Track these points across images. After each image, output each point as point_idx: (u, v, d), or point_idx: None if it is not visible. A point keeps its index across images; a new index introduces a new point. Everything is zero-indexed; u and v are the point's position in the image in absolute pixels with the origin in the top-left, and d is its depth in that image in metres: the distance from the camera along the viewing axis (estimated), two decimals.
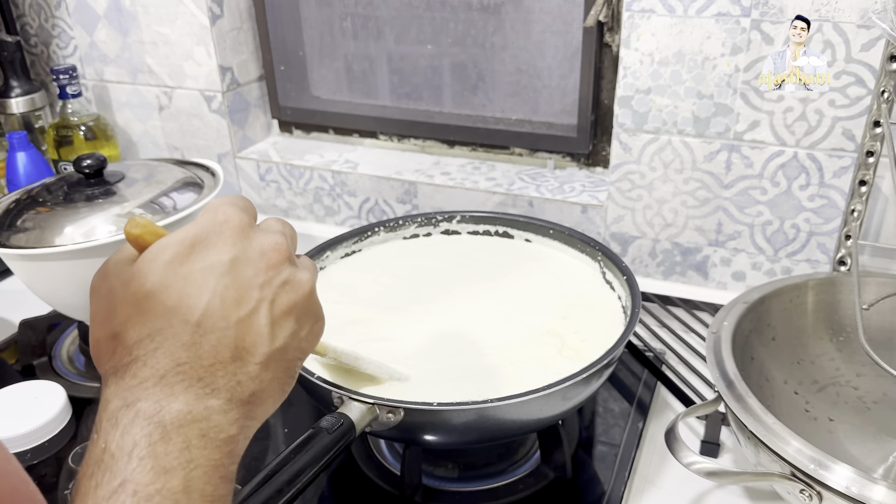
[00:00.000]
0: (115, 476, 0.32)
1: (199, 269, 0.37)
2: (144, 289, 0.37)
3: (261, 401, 0.38)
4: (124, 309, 0.37)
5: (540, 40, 0.98)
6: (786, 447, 0.56)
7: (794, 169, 0.81)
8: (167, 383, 0.35)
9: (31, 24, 1.18)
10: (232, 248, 0.38)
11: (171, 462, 0.33)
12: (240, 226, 0.39)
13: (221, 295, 0.37)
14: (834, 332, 0.74)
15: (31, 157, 1.05)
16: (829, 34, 0.74)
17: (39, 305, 0.87)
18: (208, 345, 0.36)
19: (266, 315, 0.38)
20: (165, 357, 0.35)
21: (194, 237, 0.38)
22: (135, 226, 0.39)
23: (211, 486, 0.34)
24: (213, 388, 0.36)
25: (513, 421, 0.59)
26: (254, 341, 0.38)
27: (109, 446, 0.33)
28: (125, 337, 0.36)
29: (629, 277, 0.71)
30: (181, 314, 0.36)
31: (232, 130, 1.12)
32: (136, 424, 0.34)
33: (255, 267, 0.39)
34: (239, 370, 0.37)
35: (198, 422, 0.35)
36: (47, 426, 0.76)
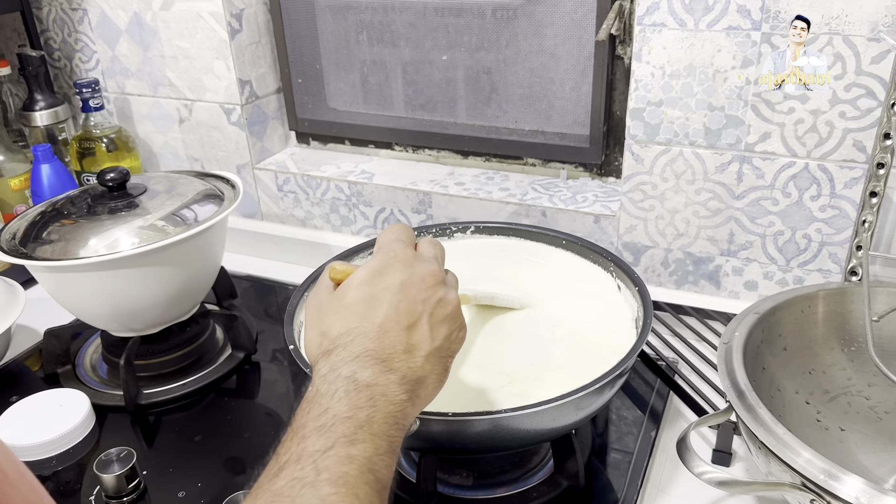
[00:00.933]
0: (321, 406, 0.45)
1: (380, 289, 0.52)
2: (344, 302, 0.52)
3: (424, 385, 0.51)
4: (329, 315, 0.53)
5: (553, 52, 0.99)
6: (796, 458, 0.56)
7: (806, 180, 0.82)
8: (359, 360, 0.48)
9: (55, 39, 1.21)
10: (402, 274, 0.53)
11: (360, 403, 0.46)
12: (405, 258, 0.54)
13: (396, 307, 0.51)
14: (845, 342, 0.75)
15: (55, 168, 1.07)
16: (840, 47, 0.75)
17: (63, 314, 0.89)
18: (388, 340, 0.50)
19: (427, 323, 0.52)
20: (358, 346, 0.49)
21: (376, 268, 0.53)
22: (336, 273, 0.55)
23: (387, 426, 0.46)
24: (391, 368, 0.49)
25: (526, 431, 0.60)
26: (419, 340, 0.51)
27: (320, 390, 0.47)
28: (330, 332, 0.51)
29: (641, 288, 0.72)
30: (369, 319, 0.51)
31: (250, 142, 1.14)
32: (339, 380, 0.47)
33: (419, 288, 0.53)
34: (409, 360, 0.50)
35: (380, 386, 0.47)
36: (72, 433, 0.78)
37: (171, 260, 0.80)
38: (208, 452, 0.78)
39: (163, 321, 0.86)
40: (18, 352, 0.94)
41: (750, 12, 0.77)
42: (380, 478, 0.44)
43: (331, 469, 0.41)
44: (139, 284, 0.79)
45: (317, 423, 0.44)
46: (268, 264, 1.14)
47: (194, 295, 0.88)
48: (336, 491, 0.41)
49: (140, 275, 0.79)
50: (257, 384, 0.89)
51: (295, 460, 0.42)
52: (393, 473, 0.46)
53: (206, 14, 1.06)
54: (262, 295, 1.08)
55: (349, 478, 0.41)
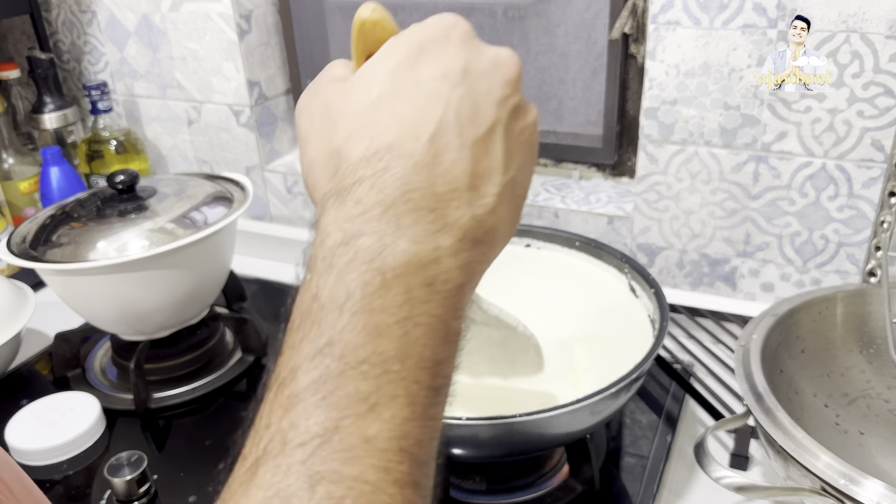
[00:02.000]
0: (322, 332, 0.28)
1: (430, 76, 0.32)
2: (370, 97, 0.32)
3: (493, 241, 0.34)
4: (346, 121, 0.32)
5: (564, 52, 0.98)
6: (815, 462, 0.55)
7: (823, 180, 0.81)
8: (394, 214, 0.30)
9: (64, 42, 1.20)
10: (465, 53, 0.33)
11: (386, 320, 0.28)
12: (469, 32, 0.34)
13: (456, 108, 0.32)
14: (864, 344, 0.74)
15: (64, 171, 1.07)
16: (857, 45, 0.74)
17: (72, 317, 0.89)
18: (443, 167, 0.31)
19: (501, 138, 0.33)
20: (395, 180, 0.30)
21: (422, 40, 0.34)
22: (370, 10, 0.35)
23: (430, 350, 0.29)
24: (445, 221, 0.31)
25: (541, 435, 0.59)
26: (490, 167, 0.32)
27: (321, 293, 0.29)
28: (349, 153, 0.32)
29: (657, 290, 0.71)
30: (413, 129, 0.31)
31: (260, 144, 1.13)
32: (353, 268, 0.29)
33: (490, 81, 0.33)
34: (474, 201, 0.32)
35: (423, 267, 0.29)
36: (82, 437, 0.77)
37: (181, 263, 0.79)
38: (219, 456, 0.76)
39: (173, 324, 0.86)
40: (29, 355, 0.93)
41: (766, 10, 0.76)
42: (420, 460, 0.28)
43: (334, 474, 0.26)
44: (149, 288, 0.79)
45: (315, 372, 0.28)
46: (277, 266, 1.14)
47: (204, 298, 0.87)
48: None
49: (150, 278, 0.78)
50: None
51: (273, 455, 0.27)
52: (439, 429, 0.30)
53: (215, 15, 1.05)
54: (272, 297, 1.08)
55: (365, 488, 0.26)
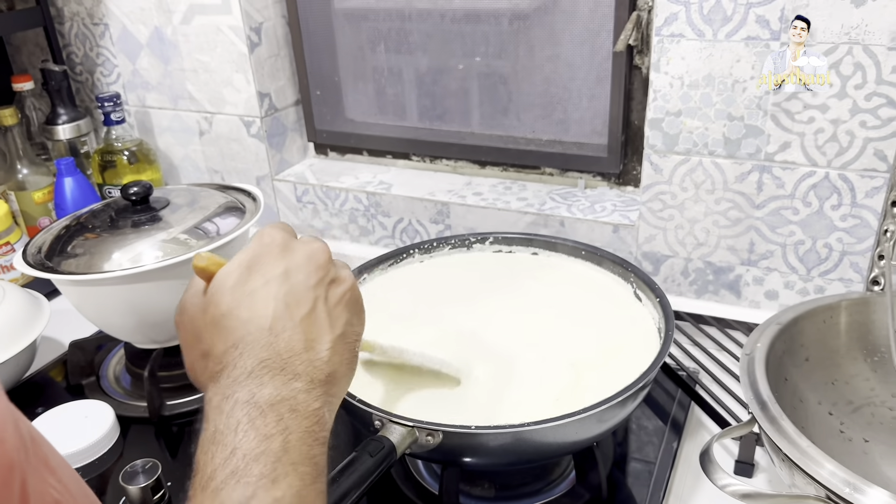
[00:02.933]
0: (226, 447, 0.39)
1: (260, 285, 0.45)
2: (220, 311, 0.44)
3: (335, 379, 0.45)
4: (207, 331, 0.44)
5: (570, 62, 1.00)
6: (820, 470, 0.56)
7: (826, 189, 0.82)
8: (256, 376, 0.41)
9: (77, 54, 1.22)
10: (282, 261, 0.46)
11: (269, 430, 0.39)
12: (283, 242, 0.47)
13: (284, 301, 0.44)
14: (868, 352, 0.74)
15: (77, 182, 1.09)
16: (860, 56, 0.75)
17: (85, 325, 0.90)
18: (283, 342, 0.43)
19: (323, 309, 0.46)
20: (250, 358, 0.42)
21: (249, 260, 0.46)
22: (200, 259, 0.47)
23: (307, 446, 0.40)
24: (294, 373, 0.42)
25: (549, 444, 0.60)
26: (318, 332, 0.45)
27: (218, 427, 0.40)
28: (213, 352, 0.44)
29: (662, 299, 0.72)
30: (255, 323, 0.43)
31: (270, 154, 1.15)
32: (237, 408, 0.40)
33: (306, 271, 0.46)
34: (313, 357, 0.44)
35: (287, 400, 0.41)
36: (97, 445, 0.78)
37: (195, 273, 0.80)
38: None
39: None
40: (43, 363, 0.95)
41: (769, 22, 0.77)
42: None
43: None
44: (163, 297, 0.80)
45: (227, 470, 0.38)
46: None
47: None
48: None
49: (164, 288, 0.79)
50: None
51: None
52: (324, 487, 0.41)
53: (226, 28, 1.07)
54: None
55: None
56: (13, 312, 0.88)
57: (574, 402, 0.61)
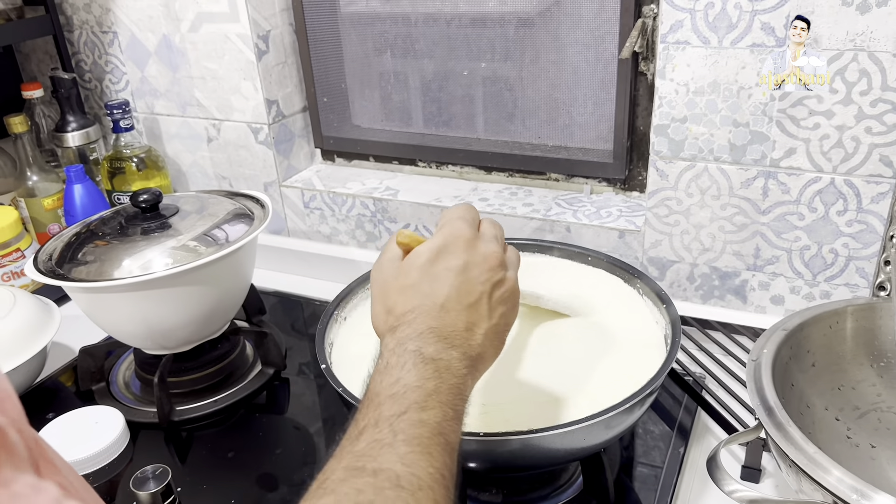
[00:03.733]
0: (392, 376, 0.48)
1: (442, 269, 0.54)
2: (408, 281, 0.55)
3: (482, 359, 0.54)
4: (394, 293, 0.55)
5: (575, 69, 1.00)
6: (827, 476, 0.56)
7: (832, 195, 0.82)
8: (423, 337, 0.51)
9: (86, 61, 1.23)
10: (464, 255, 0.55)
11: (428, 373, 0.49)
12: (468, 238, 0.56)
13: (458, 288, 0.54)
14: (874, 357, 0.75)
15: (87, 189, 1.09)
16: (865, 63, 0.75)
17: (94, 330, 0.90)
18: (449, 319, 0.53)
19: (486, 304, 0.55)
20: (422, 323, 0.52)
21: (439, 246, 0.55)
22: (403, 237, 0.57)
23: (451, 396, 0.49)
24: (452, 345, 0.51)
25: (557, 450, 0.61)
26: (478, 319, 0.54)
27: (390, 362, 0.50)
28: (395, 310, 0.54)
29: (669, 306, 0.73)
30: (432, 299, 0.53)
31: (277, 160, 1.16)
32: (407, 353, 0.50)
33: (480, 269, 0.55)
34: (469, 338, 0.53)
35: (444, 360, 0.50)
36: (107, 450, 0.79)
37: (204, 279, 0.81)
38: (241, 469, 0.79)
39: (195, 339, 0.88)
40: (53, 369, 0.96)
41: (774, 29, 0.77)
42: (449, 440, 0.46)
43: (406, 431, 0.45)
44: (172, 304, 0.81)
45: (390, 392, 0.47)
46: (294, 280, 1.16)
47: (226, 313, 0.89)
48: (412, 450, 0.44)
49: (173, 294, 0.80)
50: (287, 400, 0.90)
51: (373, 424, 0.45)
52: (459, 438, 0.48)
53: (234, 36, 1.08)
54: (289, 310, 1.10)
55: (423, 438, 0.45)
56: (24, 319, 0.88)
57: (581, 408, 0.62)
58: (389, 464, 0.43)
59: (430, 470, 0.43)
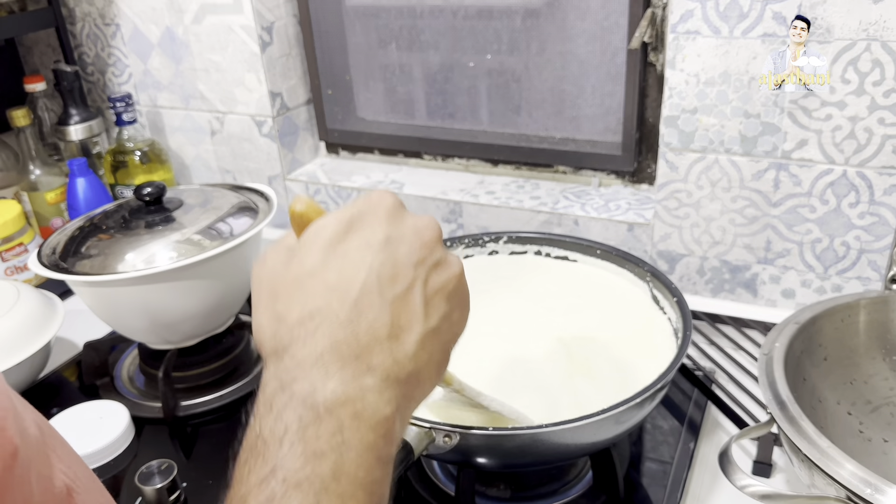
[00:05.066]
0: (266, 462, 0.33)
1: (355, 246, 0.38)
2: (305, 269, 0.38)
3: (417, 381, 0.38)
4: (286, 289, 0.38)
5: (583, 60, 0.99)
6: (840, 470, 0.55)
7: (844, 187, 0.81)
8: (323, 363, 0.35)
9: (88, 54, 1.22)
10: (387, 226, 0.39)
11: (321, 446, 0.33)
12: (393, 206, 0.40)
13: (378, 272, 0.37)
14: (887, 351, 0.74)
15: (90, 182, 1.09)
16: (878, 53, 0.74)
17: (98, 325, 0.90)
18: (365, 322, 0.37)
19: (420, 294, 0.38)
20: (324, 337, 0.36)
21: (351, 216, 0.39)
22: (299, 202, 0.40)
23: (363, 470, 0.34)
24: (368, 366, 0.36)
25: (566, 445, 0.60)
26: (409, 320, 0.38)
27: (263, 432, 0.34)
28: (287, 317, 0.37)
29: (679, 299, 0.72)
30: (339, 292, 0.37)
31: (282, 153, 1.15)
32: (290, 408, 0.34)
33: (410, 245, 0.39)
34: (395, 349, 0.37)
35: (351, 402, 0.35)
36: (112, 445, 0.79)
37: (208, 273, 0.80)
38: None
39: (200, 333, 0.87)
40: (57, 364, 0.95)
41: (785, 19, 0.76)
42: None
43: None
44: (177, 298, 0.80)
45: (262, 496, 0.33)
46: None
47: (230, 307, 0.88)
48: None
49: (177, 288, 0.79)
50: None
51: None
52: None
53: (238, 27, 1.07)
54: None
55: None
56: (27, 313, 0.88)
57: (591, 403, 0.61)
58: None
59: None
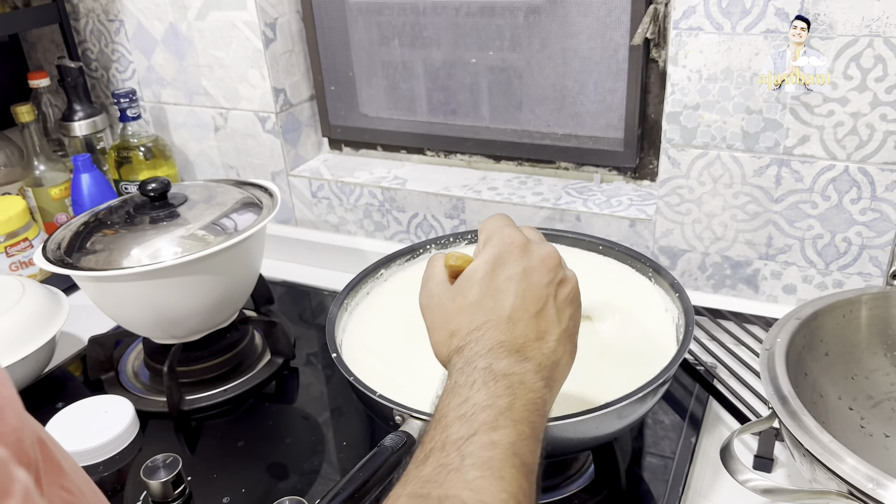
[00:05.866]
0: (460, 396, 0.46)
1: (503, 280, 0.52)
2: (469, 300, 0.52)
3: (559, 367, 0.51)
4: (455, 315, 0.52)
5: (585, 56, 0.99)
6: (842, 465, 0.56)
7: (845, 183, 0.81)
8: (494, 352, 0.48)
9: (92, 50, 1.23)
10: (522, 261, 0.52)
11: (499, 391, 0.45)
12: (522, 243, 0.53)
13: (522, 296, 0.51)
14: (888, 346, 0.74)
15: (94, 178, 1.09)
16: (881, 49, 0.74)
17: (103, 319, 0.90)
18: (518, 331, 0.50)
19: (553, 307, 0.52)
20: (491, 339, 0.49)
21: (494, 259, 0.53)
22: (454, 259, 0.55)
23: (527, 412, 0.45)
24: (525, 357, 0.49)
25: (569, 439, 0.60)
26: (548, 326, 0.51)
27: (458, 381, 0.47)
28: (460, 331, 0.51)
29: (682, 295, 0.72)
30: (497, 312, 0.51)
31: (285, 149, 1.15)
32: (476, 371, 0.47)
33: (540, 272, 0.52)
34: (542, 346, 0.50)
35: (517, 374, 0.47)
36: (118, 439, 0.79)
37: (213, 269, 0.81)
38: (251, 458, 0.79)
39: (204, 328, 0.87)
40: (63, 358, 0.96)
41: (788, 15, 0.76)
42: (525, 461, 0.44)
43: (475, 454, 0.42)
44: (181, 293, 0.81)
45: (458, 413, 0.45)
46: (302, 269, 1.15)
47: (234, 302, 0.89)
48: (482, 475, 0.41)
49: (182, 283, 0.80)
50: (296, 389, 0.90)
51: (440, 448, 0.43)
52: (538, 458, 0.46)
53: (241, 24, 1.07)
54: (297, 300, 1.10)
55: (494, 461, 0.42)
56: (32, 308, 0.88)
57: (593, 397, 0.61)
58: (456, 490, 0.40)
59: (503, 496, 0.40)
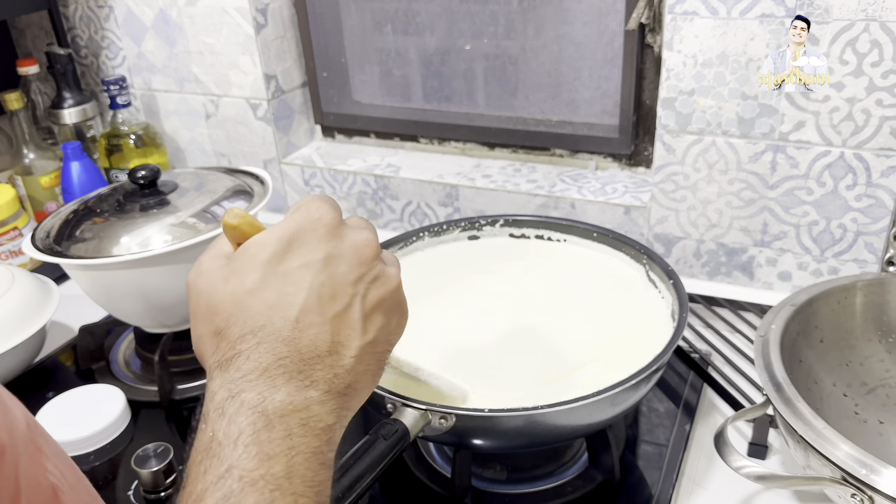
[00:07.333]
0: (222, 462, 0.34)
1: (296, 266, 0.39)
2: (245, 287, 0.39)
3: (355, 391, 0.40)
4: (226, 306, 0.39)
5: (580, 42, 0.98)
6: (836, 451, 0.56)
7: (841, 169, 0.81)
8: (269, 376, 0.37)
9: (82, 37, 1.21)
10: (326, 245, 0.40)
11: (274, 449, 0.35)
12: (332, 223, 0.41)
13: (318, 292, 0.39)
14: (883, 333, 0.74)
15: (84, 166, 1.08)
16: (876, 33, 0.73)
17: (94, 309, 0.90)
18: (307, 340, 0.38)
19: (359, 310, 0.40)
20: (268, 352, 0.37)
21: (291, 234, 0.40)
22: (232, 216, 0.41)
23: (311, 472, 0.36)
24: (311, 380, 0.38)
25: (562, 427, 0.60)
26: (348, 336, 0.40)
27: (217, 435, 0.35)
28: (228, 333, 0.39)
29: (676, 282, 0.72)
30: (281, 311, 0.38)
31: (277, 137, 1.14)
32: (242, 414, 0.35)
33: (349, 263, 0.41)
34: (335, 363, 0.39)
35: (298, 411, 0.36)
36: (109, 429, 0.79)
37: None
38: None
39: None
40: (53, 348, 0.95)
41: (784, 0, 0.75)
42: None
43: None
44: (172, 281, 0.80)
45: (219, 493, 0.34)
46: None
47: None
48: None
49: (173, 272, 0.79)
50: None
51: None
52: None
53: (232, 9, 1.06)
54: None
55: None
56: (22, 297, 0.87)
57: (587, 384, 0.61)
58: None
59: None
